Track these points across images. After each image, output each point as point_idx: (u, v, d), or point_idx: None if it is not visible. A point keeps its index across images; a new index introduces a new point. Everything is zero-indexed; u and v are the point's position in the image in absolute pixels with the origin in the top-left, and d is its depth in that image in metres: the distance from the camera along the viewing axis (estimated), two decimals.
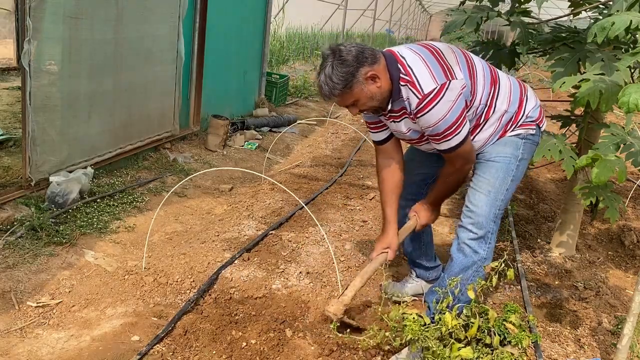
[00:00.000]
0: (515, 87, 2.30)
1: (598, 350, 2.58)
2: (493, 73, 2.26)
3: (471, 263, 2.27)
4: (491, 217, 2.25)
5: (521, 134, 2.28)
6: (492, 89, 2.21)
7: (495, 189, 2.25)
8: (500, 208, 2.27)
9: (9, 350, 2.13)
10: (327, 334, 2.38)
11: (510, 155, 2.26)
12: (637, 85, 1.85)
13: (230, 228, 3.40)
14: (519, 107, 2.27)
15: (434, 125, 2.05)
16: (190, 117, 5.25)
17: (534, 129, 2.30)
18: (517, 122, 2.27)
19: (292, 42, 11.29)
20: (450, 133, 2.07)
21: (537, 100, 2.36)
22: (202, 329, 2.33)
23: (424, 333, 2.03)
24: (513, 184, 2.29)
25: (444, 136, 2.08)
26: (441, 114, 2.02)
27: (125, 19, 3.85)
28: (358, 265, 3.01)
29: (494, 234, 2.29)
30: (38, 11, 3.11)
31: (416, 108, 2.04)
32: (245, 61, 6.45)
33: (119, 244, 3.10)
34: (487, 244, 2.28)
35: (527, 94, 2.33)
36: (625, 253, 3.77)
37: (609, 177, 2.10)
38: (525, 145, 2.29)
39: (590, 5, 3.18)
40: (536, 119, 2.31)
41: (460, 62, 2.11)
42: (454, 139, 2.08)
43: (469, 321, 2.10)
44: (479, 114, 2.21)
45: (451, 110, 2.02)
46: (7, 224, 3.01)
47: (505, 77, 2.31)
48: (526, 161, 2.32)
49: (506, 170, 2.26)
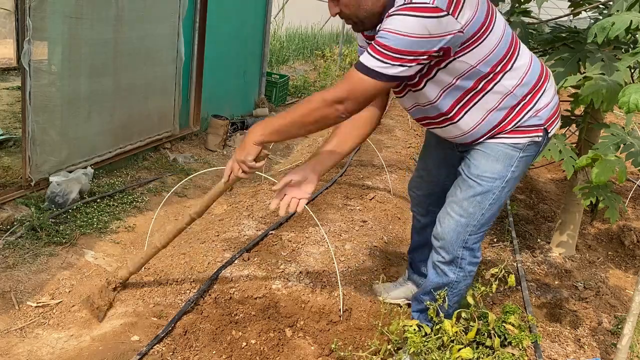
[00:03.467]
0: (536, 68, 1.90)
1: (598, 350, 2.58)
2: (513, 40, 1.85)
3: (442, 284, 2.12)
4: (459, 243, 2.02)
5: (520, 144, 1.91)
6: (505, 58, 1.81)
7: (467, 215, 1.99)
8: (473, 233, 2.02)
9: (9, 350, 2.13)
10: (327, 334, 2.38)
11: (497, 177, 1.94)
12: (637, 85, 1.85)
13: (230, 228, 3.40)
14: (530, 94, 1.87)
15: (381, 31, 1.61)
16: (190, 117, 5.25)
17: (541, 135, 1.92)
18: (519, 117, 1.88)
19: (292, 42, 11.28)
20: (375, 50, 1.60)
21: (556, 98, 1.97)
22: (202, 329, 2.33)
23: (427, 344, 2.03)
24: (493, 207, 1.99)
25: (371, 46, 1.63)
26: (396, 26, 1.56)
27: (125, 18, 3.85)
28: (358, 265, 3.01)
29: (465, 259, 2.06)
30: (38, 11, 3.11)
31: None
32: (245, 61, 6.45)
33: (119, 244, 3.10)
34: (459, 268, 2.08)
35: (546, 85, 1.93)
36: (625, 253, 3.77)
37: (609, 177, 2.11)
38: (521, 161, 1.94)
39: (590, 5, 3.18)
40: (545, 121, 1.92)
41: (479, 4, 1.70)
42: (370, 57, 1.62)
43: (469, 325, 2.10)
44: (473, 79, 1.80)
45: (407, 34, 1.56)
46: (7, 224, 3.01)
47: (529, 53, 1.92)
48: (517, 178, 2.00)
49: (485, 195, 1.96)
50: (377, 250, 3.26)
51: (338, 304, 2.57)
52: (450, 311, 2.15)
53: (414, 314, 2.36)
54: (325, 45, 12.56)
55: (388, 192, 4.24)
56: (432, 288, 2.18)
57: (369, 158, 5.30)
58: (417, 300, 2.33)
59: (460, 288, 2.15)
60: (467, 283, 2.15)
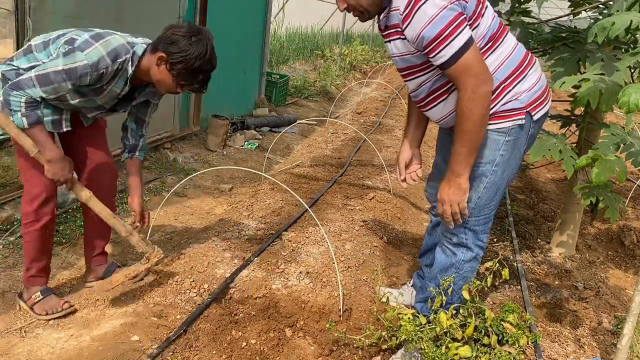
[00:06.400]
0: (517, 55, 2.01)
1: (598, 350, 2.58)
2: (500, 28, 1.99)
3: (450, 264, 2.21)
4: (460, 227, 2.11)
5: (504, 128, 1.98)
6: (490, 43, 1.95)
7: None
8: (472, 215, 2.09)
9: (9, 350, 2.13)
10: (326, 334, 2.38)
11: (486, 161, 2.02)
12: (637, 85, 1.85)
13: (230, 228, 3.40)
14: (508, 79, 1.97)
15: (422, 31, 1.80)
16: (190, 117, 5.26)
17: (523, 118, 1.98)
18: (498, 99, 1.96)
19: (292, 42, 11.28)
20: (443, 40, 1.79)
21: (540, 83, 2.04)
22: (202, 329, 2.33)
23: (419, 334, 2.03)
24: (488, 189, 2.06)
25: (436, 44, 1.80)
26: (428, 17, 1.77)
27: (125, 18, 3.85)
28: (358, 265, 3.01)
29: (470, 239, 2.15)
30: (38, 11, 3.12)
31: (403, 12, 1.83)
32: (245, 61, 6.45)
33: (119, 243, 3.10)
34: (466, 248, 2.18)
35: (529, 70, 2.01)
36: (625, 253, 3.77)
37: (609, 177, 2.11)
38: (508, 144, 2.00)
39: (590, 5, 3.18)
40: (527, 105, 1.98)
41: None
42: (448, 46, 1.79)
43: (466, 321, 2.10)
44: None
45: (440, 13, 1.76)
46: (7, 224, 3.01)
47: (514, 41, 2.04)
48: (509, 161, 2.05)
49: (477, 178, 2.04)
50: (377, 250, 3.26)
51: (338, 304, 2.57)
52: (454, 298, 2.19)
53: (417, 304, 2.37)
54: (325, 45, 12.55)
55: (388, 192, 4.24)
56: (439, 270, 2.23)
57: (369, 158, 5.30)
58: (422, 289, 2.35)
59: (466, 269, 2.20)
60: (472, 266, 2.21)
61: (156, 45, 2.13)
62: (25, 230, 2.33)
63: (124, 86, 2.24)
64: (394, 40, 1.97)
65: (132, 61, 2.16)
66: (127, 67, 2.16)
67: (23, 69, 2.17)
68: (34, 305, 2.37)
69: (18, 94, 2.04)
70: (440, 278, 2.19)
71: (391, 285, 2.90)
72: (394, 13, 1.89)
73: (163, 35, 2.12)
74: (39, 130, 2.11)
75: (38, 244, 2.35)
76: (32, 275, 2.39)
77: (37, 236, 2.33)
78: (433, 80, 2.02)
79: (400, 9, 1.85)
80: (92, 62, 2.06)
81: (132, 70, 2.18)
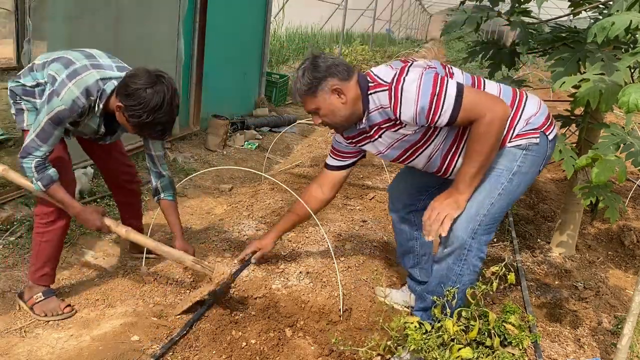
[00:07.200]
0: (506, 90, 2.16)
1: (598, 350, 2.58)
2: (474, 79, 2.16)
3: (446, 278, 2.14)
4: (468, 231, 2.04)
5: (521, 145, 2.10)
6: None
7: (477, 202, 2.06)
8: (483, 224, 2.06)
9: (9, 350, 2.13)
10: (327, 334, 2.38)
11: (503, 168, 2.09)
12: (637, 85, 1.85)
13: (230, 228, 3.40)
14: (513, 112, 2.11)
15: (418, 104, 1.94)
16: (190, 117, 5.25)
17: (538, 137, 2.10)
18: (513, 129, 2.10)
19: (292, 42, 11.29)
20: (438, 98, 1.93)
21: (542, 107, 2.18)
22: (201, 328, 2.33)
23: (427, 342, 2.02)
24: (502, 198, 2.09)
25: (435, 106, 1.94)
26: (414, 91, 1.94)
27: (125, 19, 3.85)
28: (358, 265, 3.01)
29: (471, 251, 2.07)
30: (38, 11, 3.11)
31: (390, 103, 1.99)
32: (245, 61, 6.45)
33: (119, 243, 3.10)
34: (463, 260, 2.09)
35: (524, 100, 2.16)
36: (625, 253, 3.77)
37: (609, 177, 2.10)
38: (526, 158, 2.10)
39: (590, 5, 3.18)
40: (539, 126, 2.12)
41: (432, 65, 2.07)
42: (446, 100, 1.93)
43: (469, 324, 2.10)
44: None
45: (422, 81, 1.94)
46: (7, 224, 3.01)
47: (495, 84, 2.19)
48: (525, 175, 2.12)
49: (494, 183, 2.09)
50: (377, 250, 3.26)
51: (338, 304, 2.57)
52: (456, 305, 2.15)
53: (416, 312, 2.36)
54: (325, 45, 12.56)
55: None
56: (436, 284, 2.19)
57: (368, 158, 5.30)
58: (421, 298, 2.34)
59: (464, 282, 2.13)
60: (471, 279, 2.14)
61: (116, 92, 2.14)
62: (43, 229, 2.34)
63: (99, 121, 2.29)
64: (382, 133, 2.13)
65: (101, 98, 2.18)
66: (96, 105, 2.19)
67: (28, 87, 2.27)
68: (34, 306, 2.37)
69: (28, 160, 2.13)
70: (440, 289, 2.15)
71: (391, 285, 2.90)
72: (375, 113, 2.07)
73: (122, 84, 2.11)
74: (55, 190, 2.21)
75: (57, 242, 2.38)
76: (44, 274, 2.40)
77: (58, 235, 2.37)
78: (441, 146, 2.15)
79: (383, 105, 2.02)
80: (69, 106, 2.10)
81: (101, 108, 2.20)
